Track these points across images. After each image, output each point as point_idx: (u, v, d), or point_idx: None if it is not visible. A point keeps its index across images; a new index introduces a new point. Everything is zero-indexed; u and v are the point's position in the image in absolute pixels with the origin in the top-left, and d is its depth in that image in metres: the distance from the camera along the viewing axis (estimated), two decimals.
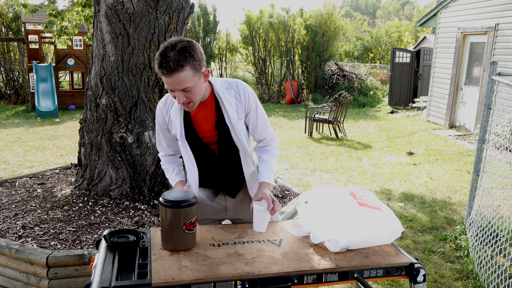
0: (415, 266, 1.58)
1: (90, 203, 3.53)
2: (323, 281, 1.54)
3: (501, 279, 2.88)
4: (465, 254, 3.55)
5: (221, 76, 16.67)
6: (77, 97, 12.13)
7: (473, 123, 8.92)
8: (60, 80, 13.19)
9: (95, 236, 3.02)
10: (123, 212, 3.40)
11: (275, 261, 1.57)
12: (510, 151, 3.40)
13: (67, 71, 12.37)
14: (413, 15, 40.31)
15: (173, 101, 1.90)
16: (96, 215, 3.34)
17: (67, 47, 11.36)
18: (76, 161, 4.59)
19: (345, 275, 1.55)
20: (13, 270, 2.79)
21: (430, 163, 6.60)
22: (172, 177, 2.03)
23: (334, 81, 14.55)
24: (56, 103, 10.82)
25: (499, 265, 3.07)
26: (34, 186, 4.00)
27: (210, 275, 1.46)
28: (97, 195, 3.62)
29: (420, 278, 1.57)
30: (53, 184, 4.05)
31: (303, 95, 14.52)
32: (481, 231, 3.47)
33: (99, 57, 3.59)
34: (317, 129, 8.98)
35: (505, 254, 3.32)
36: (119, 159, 3.60)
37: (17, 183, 4.09)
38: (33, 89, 11.25)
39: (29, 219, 3.24)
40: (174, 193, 1.65)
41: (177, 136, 1.92)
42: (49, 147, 7.33)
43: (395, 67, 12.78)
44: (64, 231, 3.07)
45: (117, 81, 3.54)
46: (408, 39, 21.44)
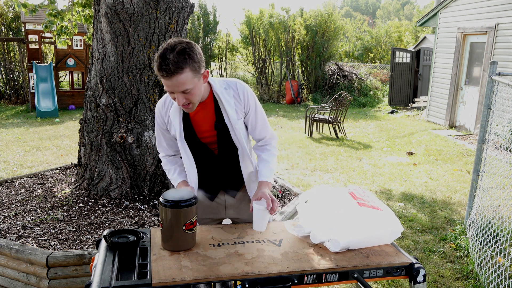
0: (415, 266, 1.58)
1: (90, 203, 3.53)
2: (323, 281, 1.54)
3: (501, 279, 2.88)
4: (465, 254, 3.55)
5: (221, 76, 16.66)
6: (77, 97, 12.14)
7: (473, 123, 8.92)
8: (60, 80, 13.19)
9: (95, 236, 3.02)
10: (123, 212, 3.40)
11: (275, 261, 1.57)
12: (510, 151, 3.40)
13: (67, 71, 12.37)
14: (413, 15, 40.32)
15: (172, 101, 1.90)
16: (96, 215, 3.34)
17: (67, 47, 11.37)
18: (76, 161, 4.60)
19: (345, 275, 1.55)
20: (13, 270, 2.79)
21: (430, 163, 6.60)
22: (174, 178, 2.03)
23: (334, 81, 14.55)
24: (56, 103, 10.82)
25: (499, 265, 3.07)
26: (34, 186, 4.00)
27: (210, 275, 1.46)
28: (97, 195, 3.62)
29: (420, 278, 1.57)
30: (53, 184, 4.05)
31: (303, 95, 14.52)
32: (481, 231, 3.47)
33: (99, 57, 3.59)
34: (317, 129, 8.98)
35: (505, 254, 3.32)
36: (119, 159, 3.60)
37: (17, 183, 4.09)
38: (33, 89, 11.25)
39: (29, 219, 3.24)
40: (174, 193, 1.65)
41: (176, 136, 1.92)
42: (49, 147, 7.33)
43: (395, 67, 12.78)
44: (64, 231, 3.07)
45: (117, 81, 3.54)
46: (408, 39, 21.45)
